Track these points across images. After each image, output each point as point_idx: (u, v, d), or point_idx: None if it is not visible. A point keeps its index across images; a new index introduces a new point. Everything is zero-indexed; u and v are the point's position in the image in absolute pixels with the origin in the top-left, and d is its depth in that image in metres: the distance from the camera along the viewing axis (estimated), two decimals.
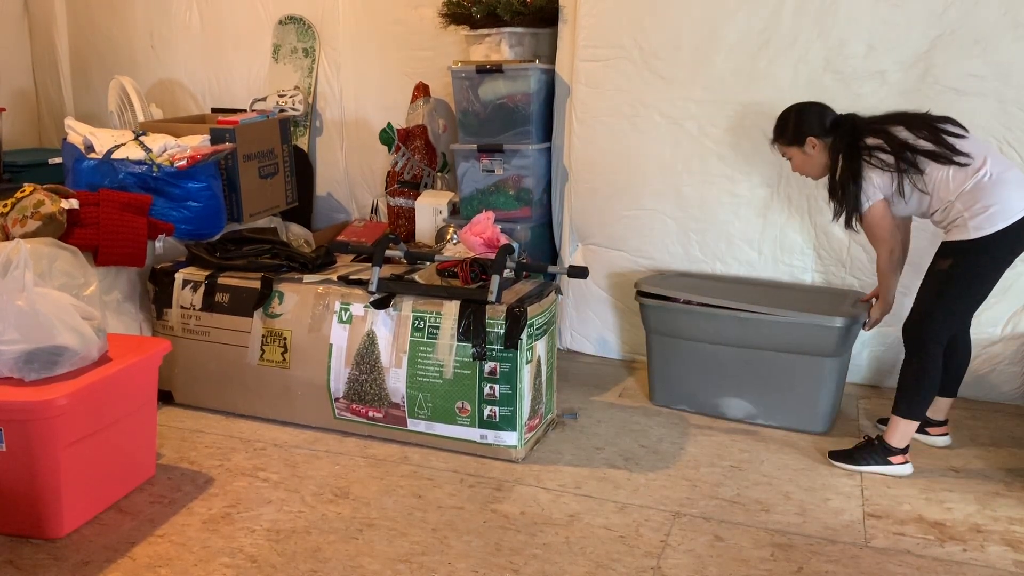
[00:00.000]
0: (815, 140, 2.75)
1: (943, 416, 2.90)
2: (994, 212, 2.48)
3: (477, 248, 3.17)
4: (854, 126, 2.70)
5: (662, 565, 2.22)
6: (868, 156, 2.62)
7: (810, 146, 2.77)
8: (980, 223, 2.49)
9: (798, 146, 2.80)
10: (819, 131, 2.75)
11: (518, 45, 3.79)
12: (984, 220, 2.49)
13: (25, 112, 5.47)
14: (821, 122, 2.75)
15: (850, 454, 2.75)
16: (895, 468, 2.69)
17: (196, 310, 3.13)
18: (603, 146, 3.59)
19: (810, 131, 2.76)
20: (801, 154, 2.81)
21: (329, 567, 2.21)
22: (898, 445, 2.68)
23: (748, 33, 3.27)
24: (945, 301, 2.61)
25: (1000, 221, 2.48)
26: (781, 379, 2.98)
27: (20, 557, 2.25)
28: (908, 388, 2.66)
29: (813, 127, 2.75)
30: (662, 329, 3.16)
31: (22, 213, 2.97)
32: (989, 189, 2.49)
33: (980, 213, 2.49)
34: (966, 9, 2.99)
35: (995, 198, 2.48)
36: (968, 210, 2.51)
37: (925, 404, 2.68)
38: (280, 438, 2.98)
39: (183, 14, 4.95)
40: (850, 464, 2.74)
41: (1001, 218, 2.48)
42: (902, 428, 2.67)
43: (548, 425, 3.04)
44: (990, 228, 2.48)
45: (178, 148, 3.51)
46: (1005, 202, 2.48)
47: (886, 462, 2.69)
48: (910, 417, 2.66)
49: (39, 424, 2.23)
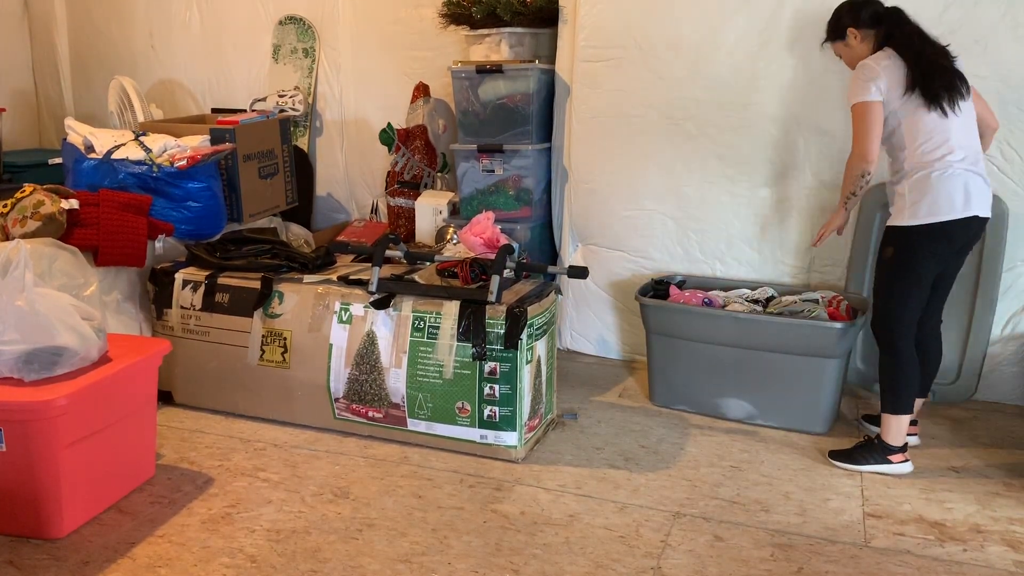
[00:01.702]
0: (855, 31, 2.73)
1: (913, 415, 2.86)
2: (930, 204, 2.53)
3: (477, 248, 3.17)
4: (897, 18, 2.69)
5: (662, 565, 2.22)
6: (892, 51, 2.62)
7: (852, 37, 2.74)
8: (916, 212, 2.55)
9: (841, 40, 2.78)
10: (859, 22, 2.72)
11: (518, 45, 3.79)
12: (920, 208, 2.54)
13: (25, 112, 5.48)
14: (864, 14, 2.72)
15: (850, 454, 2.76)
16: (895, 467, 2.69)
17: (196, 310, 3.13)
18: (603, 146, 3.59)
19: (852, 22, 2.74)
20: (845, 48, 2.79)
21: (329, 567, 2.21)
22: (895, 443, 2.69)
23: (748, 33, 3.27)
24: (898, 289, 2.63)
25: (932, 215, 2.53)
26: (781, 380, 2.98)
27: (20, 557, 2.25)
28: (888, 384, 2.69)
29: (852, 19, 2.74)
30: (662, 329, 3.16)
31: (22, 213, 2.97)
32: (939, 182, 2.53)
33: (918, 201, 2.55)
34: (966, 9, 2.99)
35: (939, 192, 2.53)
36: (911, 193, 2.57)
37: (909, 396, 2.69)
38: (280, 438, 2.98)
39: (183, 14, 4.95)
40: (850, 464, 2.74)
41: (934, 212, 2.53)
42: (894, 424, 2.68)
43: (548, 425, 3.04)
44: (923, 219, 2.54)
45: (178, 148, 3.51)
46: (946, 199, 2.53)
47: (886, 461, 2.70)
48: (897, 412, 2.67)
49: (39, 424, 2.23)
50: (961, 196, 2.53)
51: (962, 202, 2.53)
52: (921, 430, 2.96)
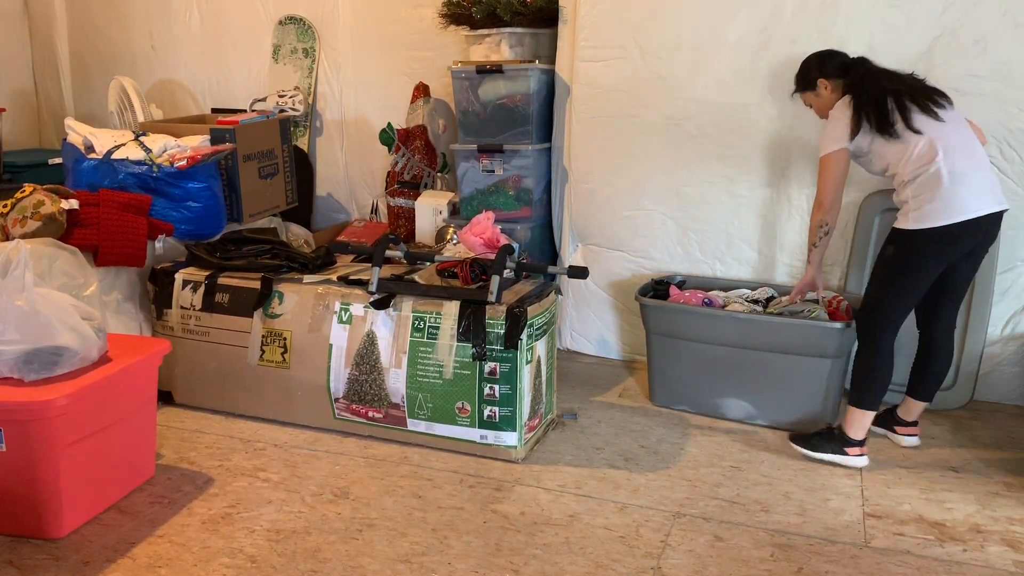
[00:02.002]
0: (825, 81, 2.82)
1: (913, 417, 2.90)
2: (938, 208, 2.52)
3: (477, 248, 3.17)
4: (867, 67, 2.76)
5: (662, 565, 2.22)
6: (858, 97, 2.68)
7: (822, 87, 2.83)
8: (921, 216, 2.54)
9: (811, 90, 2.87)
10: (829, 73, 2.81)
11: (518, 45, 3.79)
12: (927, 213, 2.54)
13: (25, 112, 5.48)
14: (830, 65, 2.82)
15: (808, 439, 2.80)
16: (850, 459, 2.72)
17: (196, 310, 3.13)
18: (603, 146, 3.59)
19: (820, 74, 2.83)
20: (815, 97, 2.87)
21: (329, 567, 2.21)
22: (855, 436, 2.72)
23: (748, 33, 3.27)
24: (893, 288, 2.64)
25: (942, 218, 2.52)
26: (781, 380, 2.98)
27: (20, 557, 2.25)
28: (859, 378, 2.71)
29: (823, 70, 2.82)
30: (662, 329, 3.16)
31: (22, 213, 2.97)
32: (941, 184, 2.52)
33: (925, 205, 2.54)
34: (966, 9, 2.99)
35: (944, 194, 2.52)
36: (915, 199, 2.56)
37: (877, 395, 2.70)
38: (280, 438, 2.98)
39: (183, 14, 4.95)
40: (807, 449, 2.78)
41: (943, 215, 2.52)
42: (857, 418, 2.71)
43: (548, 425, 3.04)
44: (930, 223, 2.53)
45: (178, 148, 3.51)
46: (952, 201, 2.52)
47: (842, 452, 2.73)
48: (862, 407, 2.70)
49: (39, 424, 2.23)
50: (964, 198, 2.52)
51: (965, 204, 2.52)
52: (921, 430, 2.96)
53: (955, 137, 2.59)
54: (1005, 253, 3.09)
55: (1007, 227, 3.06)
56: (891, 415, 2.95)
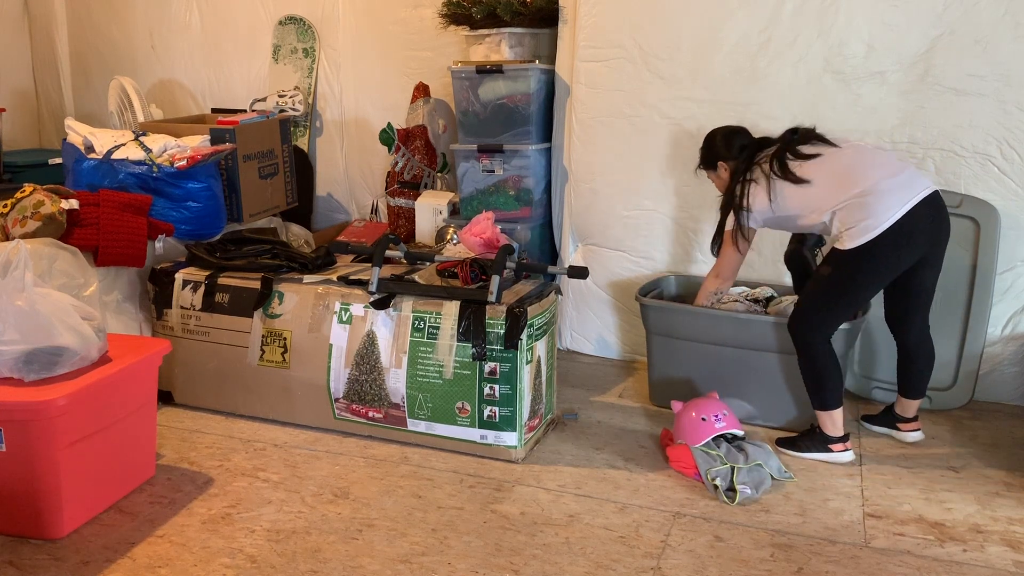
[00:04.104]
0: (724, 164, 2.89)
1: (912, 413, 2.93)
2: (867, 225, 2.55)
3: (477, 248, 3.17)
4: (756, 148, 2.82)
5: (662, 565, 2.22)
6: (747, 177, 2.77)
7: (722, 169, 2.90)
8: (854, 235, 2.57)
9: (712, 170, 2.95)
10: (727, 155, 2.87)
11: (518, 45, 3.79)
12: (857, 232, 2.56)
13: (25, 112, 5.48)
14: (730, 145, 2.87)
15: (794, 442, 2.84)
16: (836, 455, 2.76)
17: (196, 310, 3.13)
18: (603, 146, 3.59)
19: (719, 155, 2.90)
20: (716, 177, 2.96)
21: (329, 567, 2.21)
22: (834, 434, 2.76)
23: (748, 33, 3.27)
24: (825, 301, 2.69)
25: (872, 232, 2.55)
26: (780, 380, 2.98)
27: (20, 557, 2.25)
28: (810, 385, 2.75)
29: (722, 151, 2.89)
30: (662, 329, 3.15)
31: (22, 213, 2.97)
32: (863, 205, 2.56)
33: (854, 225, 2.57)
34: (966, 9, 2.99)
35: (867, 212, 2.55)
36: (843, 224, 2.60)
37: (834, 391, 2.73)
38: (280, 438, 2.98)
39: (183, 14, 4.95)
40: (793, 451, 2.82)
41: (873, 229, 2.54)
42: (827, 419, 2.76)
43: (548, 425, 3.04)
44: (863, 239, 2.56)
45: (178, 148, 3.51)
46: (876, 215, 2.55)
47: (826, 449, 2.77)
48: (824, 409, 2.75)
49: (39, 424, 2.23)
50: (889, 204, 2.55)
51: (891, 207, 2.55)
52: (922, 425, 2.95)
53: (856, 156, 2.65)
54: (1005, 253, 3.09)
55: (1007, 227, 3.07)
56: (891, 413, 2.97)
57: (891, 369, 2.96)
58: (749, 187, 2.75)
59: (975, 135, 3.06)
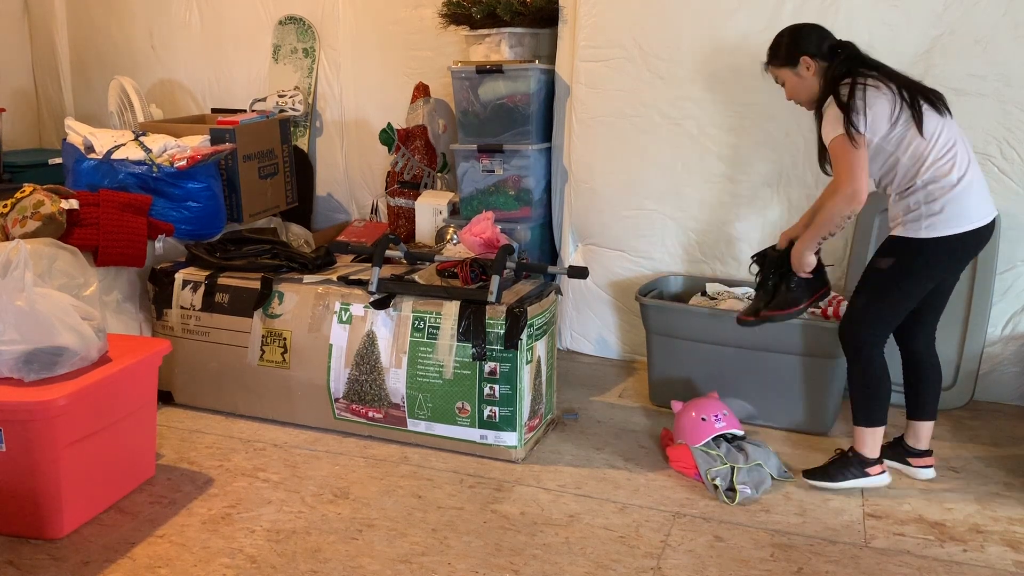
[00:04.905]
0: (810, 60, 2.51)
1: (925, 444, 2.67)
2: (949, 216, 2.35)
3: (477, 248, 3.17)
4: (855, 52, 2.48)
5: (662, 565, 2.22)
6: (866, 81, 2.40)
7: (804, 67, 2.52)
8: (933, 223, 2.36)
9: (791, 67, 2.55)
10: (815, 52, 2.51)
11: (518, 45, 3.79)
12: (938, 221, 2.36)
13: (25, 112, 5.48)
14: (819, 44, 2.51)
15: (826, 471, 2.62)
16: (874, 480, 2.58)
17: (196, 310, 3.13)
18: (603, 146, 3.59)
19: (806, 50, 2.52)
20: (794, 76, 2.56)
21: (329, 567, 2.21)
22: (871, 455, 2.56)
23: (748, 33, 3.27)
24: (885, 302, 2.47)
25: (953, 227, 2.36)
26: (782, 380, 2.98)
27: (20, 557, 2.25)
28: (859, 396, 2.55)
29: (809, 47, 2.51)
30: (662, 329, 3.15)
31: (22, 213, 2.97)
32: (952, 191, 2.35)
33: (936, 213, 2.36)
34: (966, 9, 2.99)
35: (955, 202, 2.35)
36: (926, 205, 2.37)
37: (882, 408, 2.54)
38: (280, 438, 2.98)
39: (183, 14, 4.95)
40: (827, 481, 2.60)
41: (955, 224, 2.35)
42: (868, 437, 2.55)
43: (548, 425, 3.04)
44: (941, 231, 2.36)
45: (178, 148, 3.51)
46: (963, 209, 2.35)
47: (864, 474, 2.57)
48: (870, 425, 2.54)
49: (39, 424, 2.23)
50: (974, 206, 2.37)
51: (975, 211, 2.38)
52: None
53: (960, 139, 2.43)
54: (1005, 253, 3.09)
55: (1007, 227, 3.07)
56: (900, 445, 2.72)
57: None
58: (868, 91, 2.37)
59: (975, 135, 3.05)
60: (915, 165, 2.39)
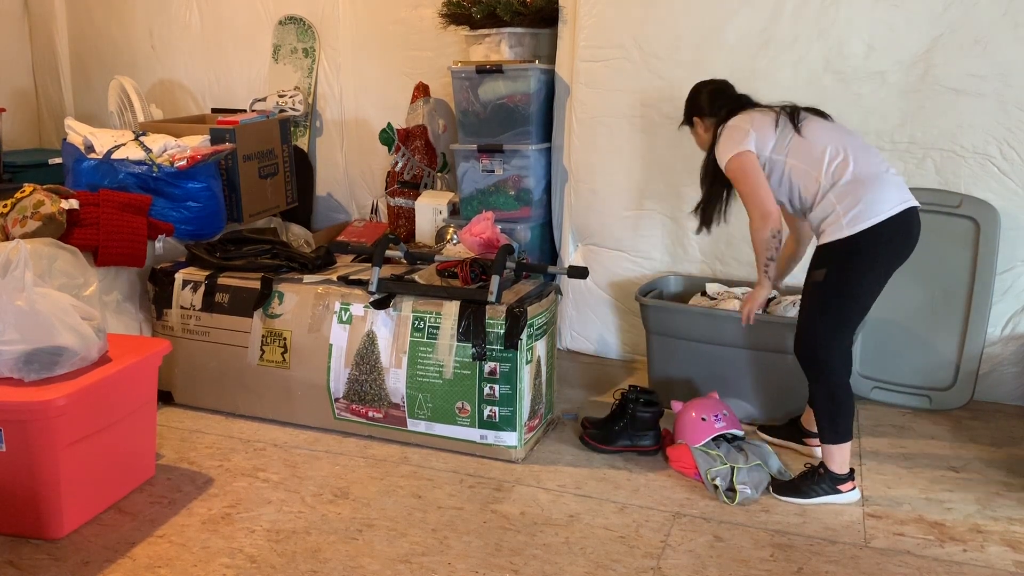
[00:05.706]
0: (699, 120, 2.70)
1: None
2: (869, 204, 2.33)
3: (477, 248, 3.17)
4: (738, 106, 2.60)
5: (662, 565, 2.22)
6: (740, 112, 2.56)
7: (698, 126, 2.71)
8: (855, 217, 2.34)
9: (689, 126, 2.76)
10: (706, 111, 2.67)
11: (518, 45, 3.79)
12: (859, 213, 2.34)
13: (25, 112, 5.48)
14: (711, 102, 2.66)
15: (796, 487, 2.55)
16: (845, 496, 2.52)
17: (196, 310, 3.13)
18: (603, 146, 3.59)
19: (696, 112, 2.70)
20: (694, 134, 2.75)
21: (329, 567, 2.21)
22: (842, 471, 2.51)
23: (748, 33, 3.27)
24: (830, 313, 2.43)
25: (877, 213, 2.33)
26: (781, 380, 2.98)
27: (20, 557, 2.25)
28: (824, 415, 2.49)
29: (701, 107, 2.68)
30: (662, 329, 3.16)
31: (22, 213, 2.98)
32: (862, 186, 2.36)
33: (854, 207, 2.34)
34: (966, 9, 2.99)
35: (869, 191, 2.35)
36: (840, 204, 2.37)
37: (848, 421, 2.48)
38: (280, 438, 2.98)
39: (183, 14, 4.95)
40: (798, 498, 2.53)
41: (877, 210, 2.33)
42: (837, 454, 2.50)
43: (548, 425, 3.04)
44: (868, 221, 2.33)
45: (178, 148, 3.51)
46: (881, 195, 2.35)
47: (835, 491, 2.51)
48: (837, 442, 2.49)
49: (39, 424, 2.23)
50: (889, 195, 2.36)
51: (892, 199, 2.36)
52: (921, 430, 2.94)
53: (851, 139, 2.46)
54: (1005, 253, 3.09)
55: (1007, 227, 3.07)
56: (795, 426, 2.84)
57: (891, 369, 2.95)
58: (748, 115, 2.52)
59: (975, 135, 3.06)
60: (813, 170, 2.43)
